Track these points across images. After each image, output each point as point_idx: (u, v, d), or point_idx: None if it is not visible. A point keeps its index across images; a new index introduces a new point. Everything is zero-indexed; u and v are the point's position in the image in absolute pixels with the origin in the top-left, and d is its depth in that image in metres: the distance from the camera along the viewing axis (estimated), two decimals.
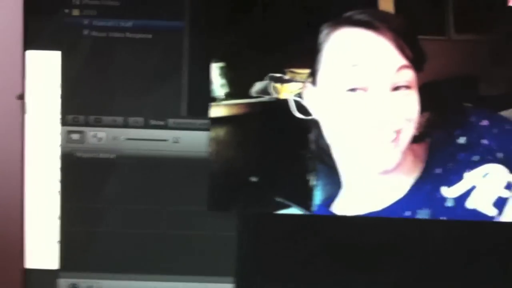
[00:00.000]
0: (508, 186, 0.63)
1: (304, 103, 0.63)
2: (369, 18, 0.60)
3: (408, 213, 0.64)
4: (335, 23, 0.61)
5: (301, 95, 0.63)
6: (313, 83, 0.63)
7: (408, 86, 0.60)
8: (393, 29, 0.60)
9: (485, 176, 0.63)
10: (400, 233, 0.64)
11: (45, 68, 0.62)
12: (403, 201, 0.64)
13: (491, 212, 0.63)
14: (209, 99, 0.63)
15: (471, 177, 0.63)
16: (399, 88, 0.60)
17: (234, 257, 0.65)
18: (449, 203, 0.63)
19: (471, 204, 0.63)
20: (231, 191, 0.64)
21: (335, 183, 0.65)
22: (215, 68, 0.62)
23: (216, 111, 0.63)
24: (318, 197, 0.64)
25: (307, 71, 0.62)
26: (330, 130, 0.63)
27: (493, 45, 0.62)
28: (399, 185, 0.64)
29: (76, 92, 0.63)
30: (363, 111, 0.60)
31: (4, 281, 0.70)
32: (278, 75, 0.62)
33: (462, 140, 0.63)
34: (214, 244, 0.65)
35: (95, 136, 0.63)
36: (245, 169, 0.64)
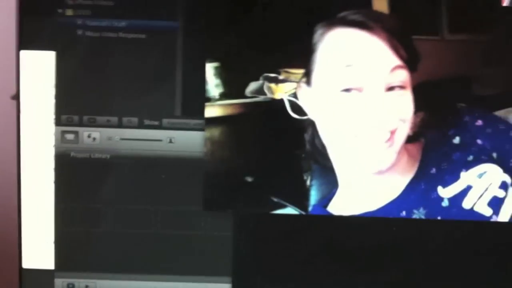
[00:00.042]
0: (502, 186, 0.63)
1: (299, 103, 0.63)
2: (363, 19, 0.60)
3: (404, 213, 0.63)
4: (329, 23, 0.61)
5: (295, 95, 0.63)
6: (308, 83, 0.62)
7: (403, 86, 0.60)
8: (387, 29, 0.60)
9: (480, 176, 0.63)
10: (397, 233, 0.64)
11: (39, 68, 0.62)
12: (398, 201, 0.64)
13: (486, 212, 0.63)
14: (203, 99, 0.63)
15: (467, 177, 0.63)
16: (393, 88, 0.60)
17: (230, 257, 0.65)
18: (444, 203, 0.63)
19: (467, 204, 0.63)
20: (226, 191, 0.64)
21: (331, 183, 0.64)
22: (210, 68, 0.62)
23: (210, 111, 0.63)
24: (314, 197, 0.64)
25: (302, 71, 0.62)
26: (325, 130, 0.63)
27: (487, 45, 0.62)
28: (394, 185, 0.64)
29: (70, 92, 0.63)
30: (357, 112, 0.60)
31: (1, 281, 0.70)
32: (272, 75, 0.62)
33: (457, 140, 0.63)
34: (210, 244, 0.65)
35: (89, 136, 0.63)
36: (240, 169, 0.64)
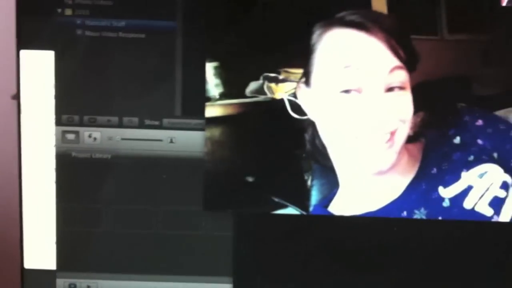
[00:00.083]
0: (503, 186, 0.62)
1: (299, 103, 0.63)
2: (361, 19, 0.60)
3: (404, 213, 0.63)
4: (327, 23, 0.60)
5: (295, 95, 0.62)
6: (307, 84, 0.62)
7: (402, 87, 0.60)
8: (385, 29, 0.59)
9: (481, 176, 0.62)
10: (398, 233, 0.64)
11: (39, 68, 0.62)
12: (399, 201, 0.64)
13: (487, 212, 0.62)
14: (203, 99, 0.63)
15: (468, 177, 0.63)
16: (393, 89, 0.60)
17: (231, 257, 0.65)
18: (445, 203, 0.63)
19: (468, 204, 0.62)
20: (227, 191, 0.64)
21: (331, 183, 0.64)
22: (210, 68, 0.62)
23: (211, 111, 0.63)
24: (315, 197, 0.64)
25: (301, 70, 0.62)
26: (325, 131, 0.63)
27: (486, 45, 0.62)
28: (395, 185, 0.64)
29: (70, 92, 0.63)
30: (357, 113, 0.60)
31: (3, 281, 0.70)
32: (272, 75, 0.62)
33: (457, 140, 0.63)
34: (210, 244, 0.65)
35: (90, 136, 0.63)
36: (241, 169, 0.64)
